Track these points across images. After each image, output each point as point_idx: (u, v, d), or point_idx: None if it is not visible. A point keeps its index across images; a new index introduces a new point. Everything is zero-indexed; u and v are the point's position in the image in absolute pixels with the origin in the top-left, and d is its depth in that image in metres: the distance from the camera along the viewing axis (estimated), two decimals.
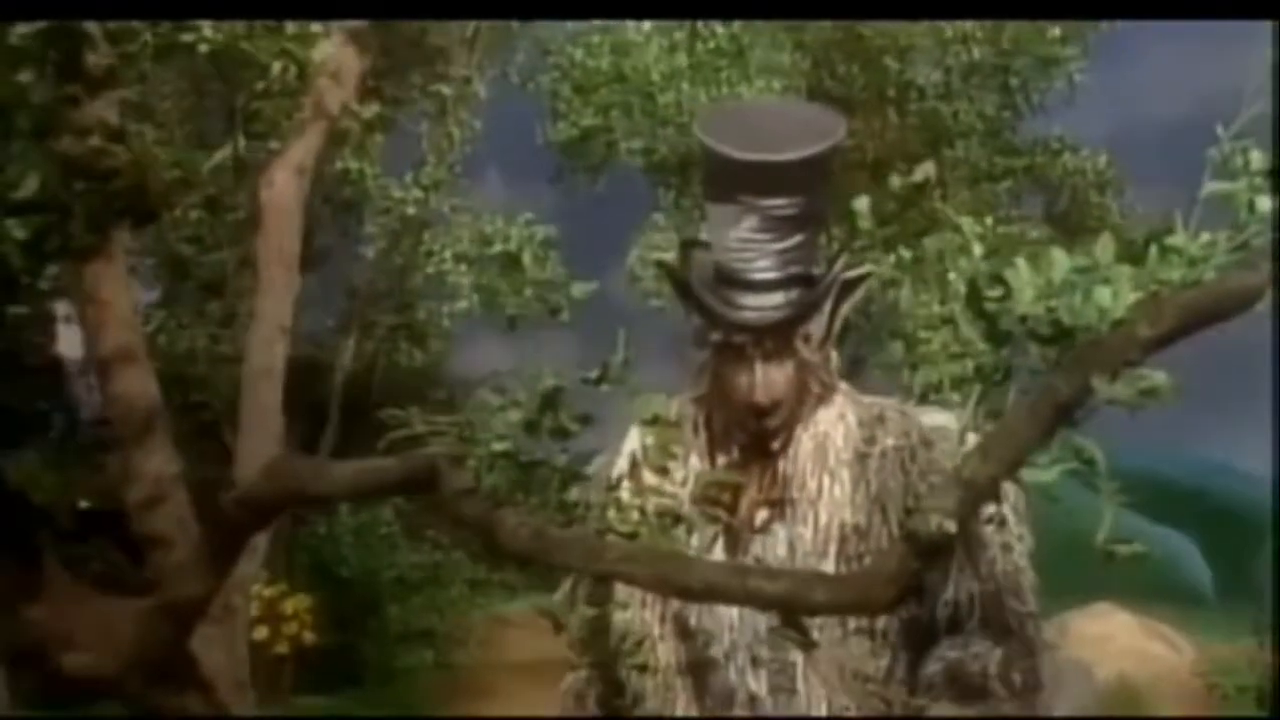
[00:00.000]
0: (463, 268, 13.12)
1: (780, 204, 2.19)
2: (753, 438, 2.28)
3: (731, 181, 2.22)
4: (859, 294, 2.31)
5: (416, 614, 14.78)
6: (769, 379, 2.23)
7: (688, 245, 2.40)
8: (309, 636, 11.93)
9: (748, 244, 2.22)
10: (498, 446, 1.62)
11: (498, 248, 13.07)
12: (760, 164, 2.18)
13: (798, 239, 2.22)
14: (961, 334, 1.46)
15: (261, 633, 10.19)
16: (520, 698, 12.34)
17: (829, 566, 2.18)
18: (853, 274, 2.30)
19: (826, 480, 2.26)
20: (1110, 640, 13.40)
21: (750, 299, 2.23)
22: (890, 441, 2.26)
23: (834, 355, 2.34)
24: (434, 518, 15.73)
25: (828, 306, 2.28)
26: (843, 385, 2.37)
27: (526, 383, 1.64)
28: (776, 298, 2.23)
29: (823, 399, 2.30)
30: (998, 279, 1.35)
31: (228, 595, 7.56)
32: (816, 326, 2.28)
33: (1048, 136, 15.10)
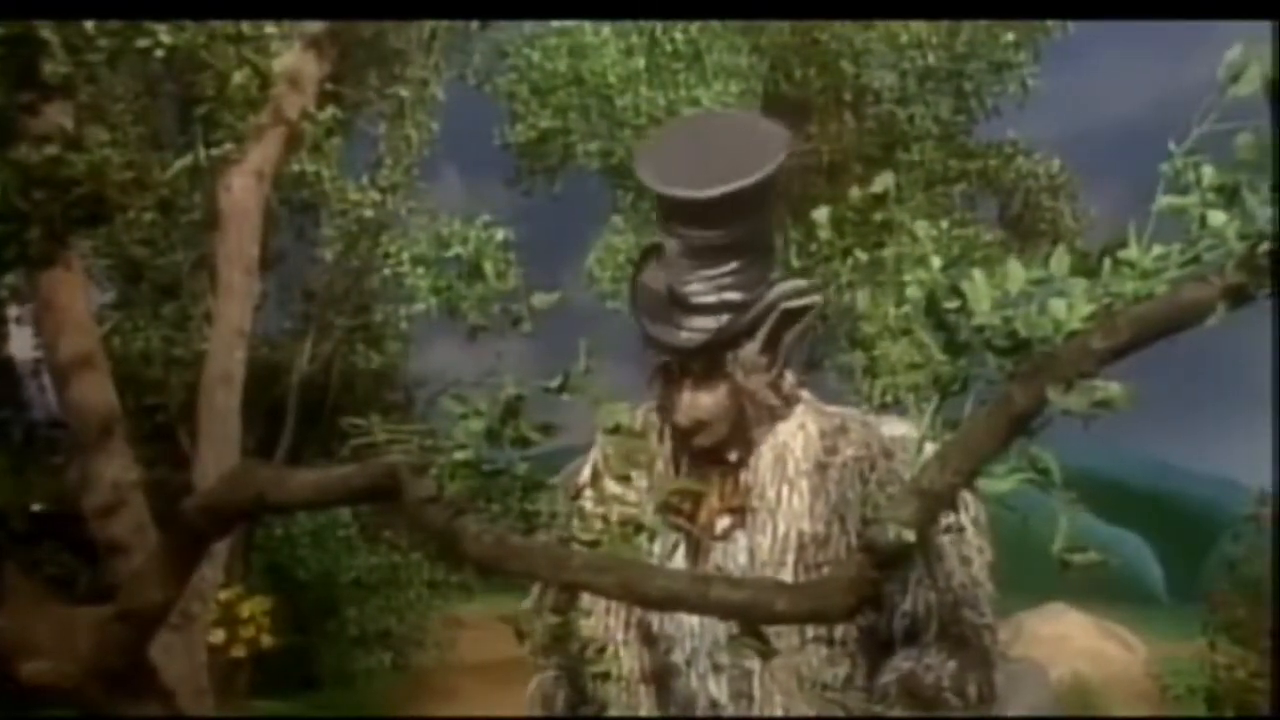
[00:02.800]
0: (420, 270, 13.09)
1: (707, 234, 2.17)
2: (702, 451, 2.28)
3: (661, 209, 2.21)
4: (804, 322, 2.27)
5: (374, 616, 14.75)
6: (694, 402, 2.23)
7: (646, 253, 2.37)
8: (266, 639, 11.87)
9: (681, 267, 2.20)
10: (459, 455, 1.62)
11: (455, 250, 13.05)
12: (681, 199, 2.15)
13: (732, 265, 2.19)
14: (919, 343, 1.48)
15: (218, 636, 10.13)
16: (478, 699, 12.33)
17: (788, 575, 2.18)
18: (796, 304, 2.26)
19: (786, 490, 2.25)
20: (1065, 640, 13.51)
21: (685, 320, 2.21)
22: (850, 452, 2.26)
23: (789, 376, 2.31)
24: (396, 523, 15.71)
25: (761, 334, 2.23)
26: (805, 394, 2.36)
27: (488, 392, 1.64)
28: (707, 322, 2.20)
29: (774, 417, 2.29)
30: (955, 290, 1.37)
31: (187, 602, 7.52)
32: (749, 353, 2.23)
33: (1002, 140, 15.21)
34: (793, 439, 2.29)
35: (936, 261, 1.44)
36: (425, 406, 17.41)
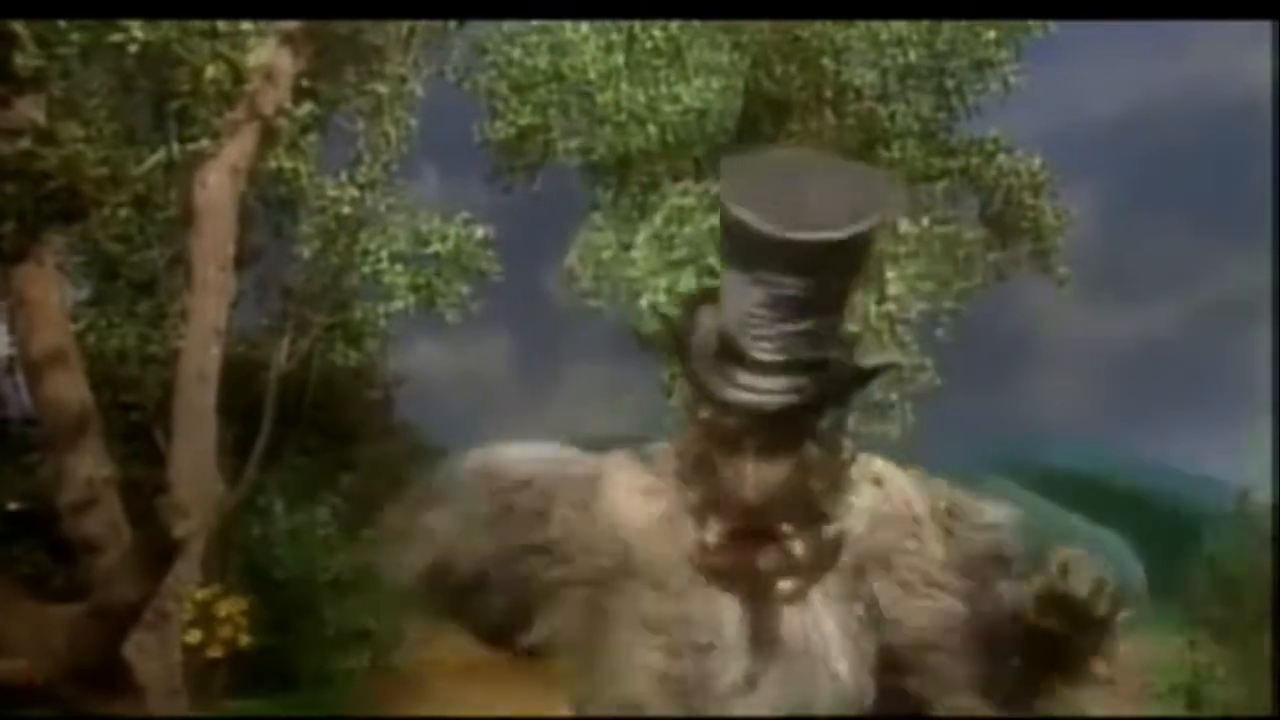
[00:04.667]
0: (399, 267, 13.04)
1: (800, 284, 1.97)
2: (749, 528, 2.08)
3: (750, 251, 1.98)
4: (875, 381, 2.12)
5: (353, 616, 14.67)
6: (762, 475, 2.02)
7: (696, 300, 2.16)
8: (244, 639, 11.79)
9: (756, 319, 1.99)
10: None
11: (434, 247, 13.00)
12: (785, 241, 1.94)
13: (812, 322, 1.99)
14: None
15: (195, 636, 10.05)
16: (458, 700, 12.28)
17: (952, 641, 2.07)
18: (872, 363, 2.10)
19: (912, 541, 2.11)
20: None
21: (748, 379, 2.00)
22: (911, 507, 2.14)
23: (846, 443, 2.13)
24: (376, 521, 15.62)
25: (841, 399, 2.07)
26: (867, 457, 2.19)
27: None
28: (780, 382, 1.99)
29: (841, 483, 2.11)
30: None
31: (162, 601, 7.47)
32: (825, 423, 2.06)
33: (983, 138, 15.21)
34: (888, 491, 2.15)
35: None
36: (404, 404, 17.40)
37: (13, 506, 13.51)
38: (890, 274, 12.96)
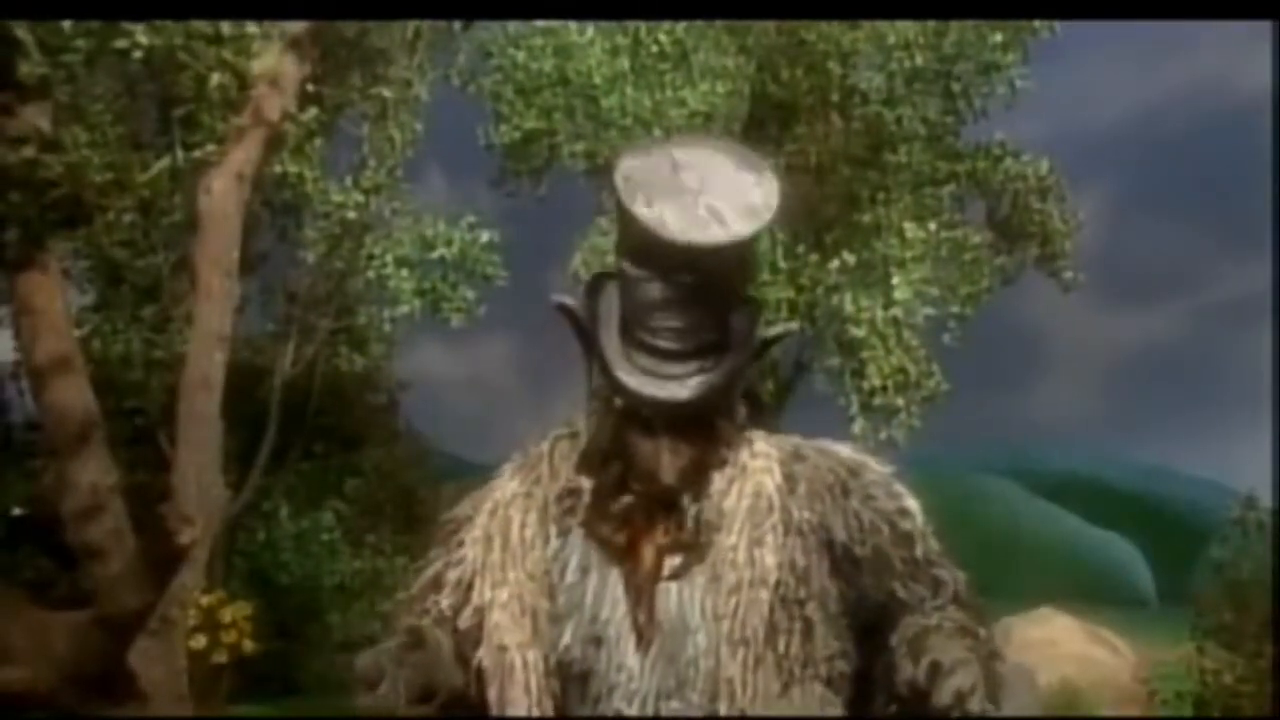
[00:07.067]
0: (404, 272, 13.01)
1: (698, 279, 2.04)
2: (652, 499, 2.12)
3: (648, 249, 2.05)
4: (776, 348, 2.17)
5: (358, 621, 14.66)
6: (677, 457, 2.08)
7: (598, 280, 2.20)
8: (248, 645, 11.76)
9: (656, 312, 2.06)
10: None
11: (440, 251, 12.98)
12: (686, 245, 2.00)
13: (715, 305, 2.07)
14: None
15: (199, 641, 10.03)
16: None
17: (763, 610, 2.04)
18: (773, 333, 2.17)
19: (753, 522, 2.10)
20: (1053, 645, 13.50)
21: (652, 365, 2.06)
22: (812, 475, 2.13)
23: (740, 408, 2.18)
24: (380, 527, 15.63)
25: (752, 371, 2.13)
26: (755, 431, 2.21)
27: None
28: (684, 367, 2.06)
29: (729, 450, 2.14)
30: None
31: (166, 607, 7.45)
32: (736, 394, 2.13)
33: (990, 142, 15.16)
34: (756, 467, 2.15)
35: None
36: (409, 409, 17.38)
37: (16, 512, 13.50)
38: (896, 279, 12.93)
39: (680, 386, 2.06)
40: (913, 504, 2.13)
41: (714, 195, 2.06)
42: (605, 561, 2.11)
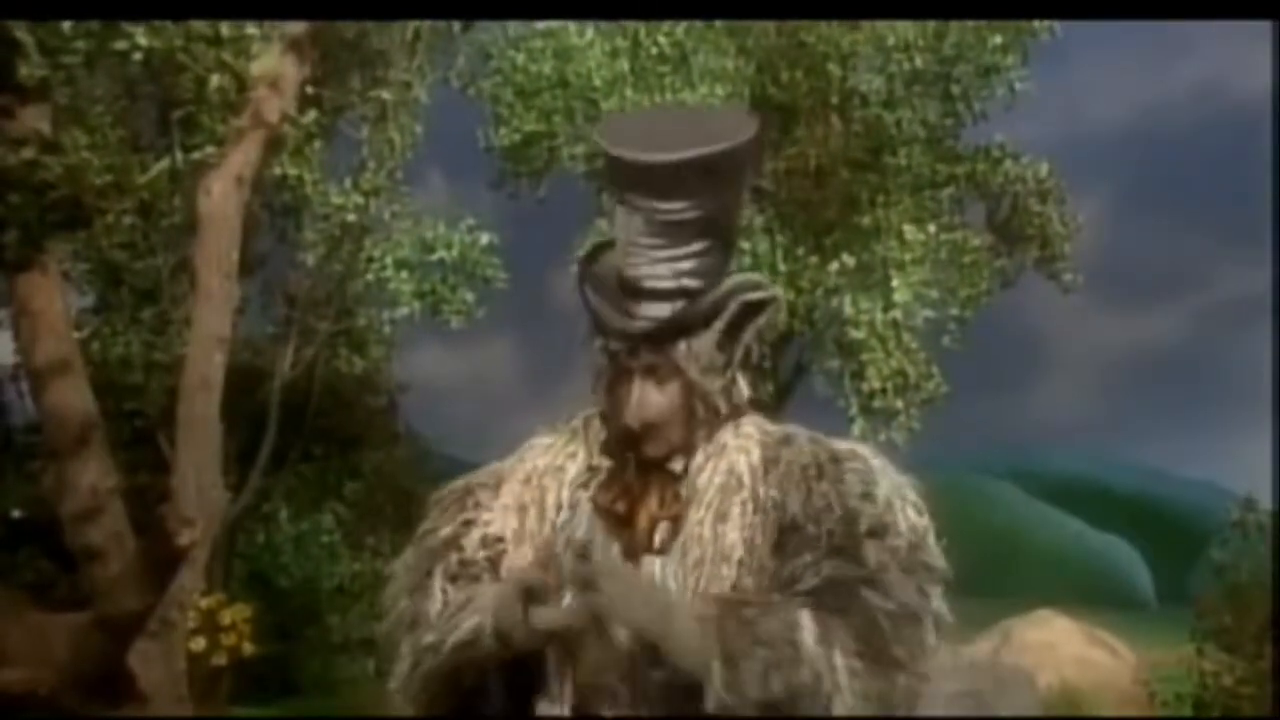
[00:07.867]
0: (404, 274, 13.01)
1: (670, 208, 2.08)
2: (649, 460, 2.15)
3: (621, 182, 2.14)
4: (763, 319, 2.17)
5: (357, 623, 14.66)
6: (644, 400, 2.11)
7: (598, 247, 2.28)
8: (248, 647, 11.77)
9: (638, 248, 2.11)
10: None
11: (439, 254, 12.98)
12: (643, 164, 2.07)
13: (694, 247, 2.11)
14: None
15: (199, 643, 10.04)
16: None
17: (725, 587, 2.06)
18: (755, 297, 2.17)
19: (724, 499, 2.12)
20: (1053, 647, 13.50)
21: (637, 307, 2.12)
22: (792, 458, 2.14)
23: (742, 384, 2.20)
24: (379, 528, 15.62)
25: (718, 325, 2.13)
26: (752, 413, 2.23)
27: None
28: (661, 308, 2.11)
29: (719, 424, 2.17)
30: None
31: (166, 609, 7.44)
32: (705, 346, 2.13)
33: (989, 144, 15.17)
34: (734, 445, 2.17)
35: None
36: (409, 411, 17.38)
37: (16, 514, 13.50)
38: (896, 281, 12.93)
39: (647, 323, 2.11)
40: (883, 493, 2.12)
41: (674, 128, 2.19)
42: (606, 532, 2.13)
